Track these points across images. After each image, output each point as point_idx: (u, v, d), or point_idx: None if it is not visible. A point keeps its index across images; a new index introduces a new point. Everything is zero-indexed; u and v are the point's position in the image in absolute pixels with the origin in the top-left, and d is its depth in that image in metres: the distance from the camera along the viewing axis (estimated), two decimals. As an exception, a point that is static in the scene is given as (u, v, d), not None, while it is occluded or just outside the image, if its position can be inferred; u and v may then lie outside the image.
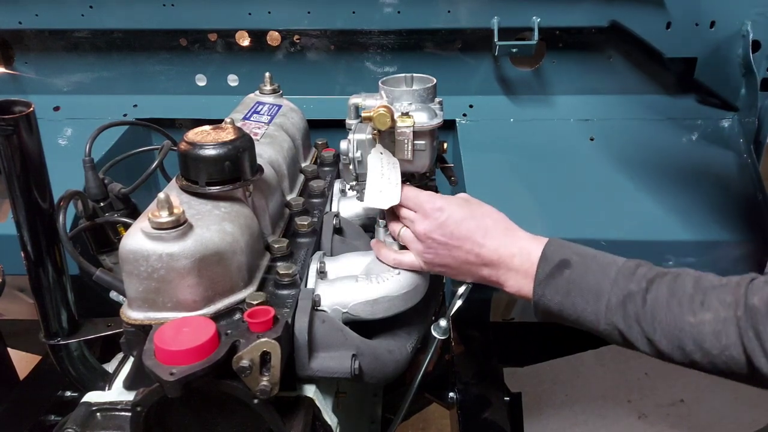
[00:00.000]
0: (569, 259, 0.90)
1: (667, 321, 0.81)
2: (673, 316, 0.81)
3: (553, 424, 2.52)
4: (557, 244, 0.93)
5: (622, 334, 0.86)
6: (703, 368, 0.81)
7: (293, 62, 1.72)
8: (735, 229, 1.46)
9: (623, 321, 0.85)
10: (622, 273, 0.87)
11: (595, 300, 0.87)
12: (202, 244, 0.83)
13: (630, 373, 2.76)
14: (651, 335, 0.83)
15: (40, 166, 0.96)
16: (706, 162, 1.59)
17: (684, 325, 0.80)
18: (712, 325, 0.78)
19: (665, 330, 0.81)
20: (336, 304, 0.98)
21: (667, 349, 0.82)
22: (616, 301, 0.85)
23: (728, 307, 0.78)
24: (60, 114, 1.75)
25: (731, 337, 0.77)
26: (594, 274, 0.88)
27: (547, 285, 0.91)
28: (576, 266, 0.89)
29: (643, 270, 0.86)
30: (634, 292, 0.84)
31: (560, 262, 0.90)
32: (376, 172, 1.01)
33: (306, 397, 0.90)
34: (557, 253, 0.92)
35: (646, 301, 0.83)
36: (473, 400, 1.49)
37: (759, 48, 1.52)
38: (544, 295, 0.91)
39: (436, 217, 0.97)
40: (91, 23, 1.66)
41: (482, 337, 1.68)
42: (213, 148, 0.89)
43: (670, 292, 0.82)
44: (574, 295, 0.89)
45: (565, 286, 0.89)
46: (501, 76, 1.72)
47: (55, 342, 1.07)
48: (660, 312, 0.82)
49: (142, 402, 0.80)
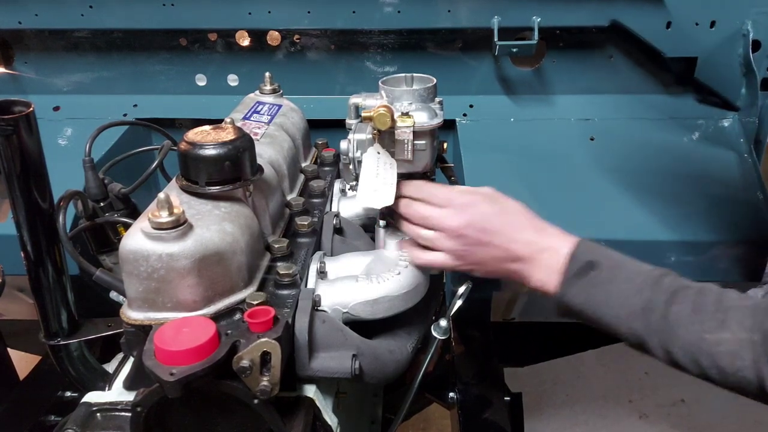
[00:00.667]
0: (597, 261, 0.91)
1: (685, 336, 0.83)
2: (692, 333, 0.83)
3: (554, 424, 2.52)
4: (587, 245, 0.94)
5: (641, 342, 0.88)
6: (716, 383, 0.83)
7: (293, 62, 1.72)
8: (735, 229, 1.46)
9: (643, 329, 0.86)
10: (647, 282, 0.88)
11: (618, 305, 0.88)
12: (202, 244, 0.83)
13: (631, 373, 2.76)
14: (669, 347, 0.85)
15: (40, 166, 0.96)
16: (706, 162, 1.59)
17: (702, 342, 0.82)
18: (728, 345, 0.80)
19: (683, 344, 0.83)
20: (336, 304, 0.98)
21: (683, 362, 0.84)
22: (638, 309, 0.87)
23: (746, 329, 0.80)
24: (60, 114, 1.75)
25: (746, 360, 0.79)
26: (620, 280, 0.89)
27: (572, 284, 0.92)
28: (603, 270, 0.90)
29: (667, 281, 0.88)
30: (657, 304, 0.86)
31: (588, 264, 0.91)
32: (370, 171, 1.01)
33: (306, 398, 0.90)
34: (586, 254, 0.93)
35: (667, 313, 0.85)
36: (473, 400, 1.49)
37: (759, 47, 1.52)
38: (568, 293, 0.92)
39: (469, 213, 0.97)
40: (91, 23, 1.66)
41: (482, 337, 1.68)
42: (213, 148, 0.89)
43: (692, 308, 0.84)
44: (597, 298, 0.90)
45: (590, 288, 0.91)
46: (501, 75, 1.72)
47: (55, 342, 1.07)
48: (680, 327, 0.84)
49: (142, 402, 0.80)
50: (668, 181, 1.55)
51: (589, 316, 0.91)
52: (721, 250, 1.45)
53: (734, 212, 1.49)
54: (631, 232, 1.46)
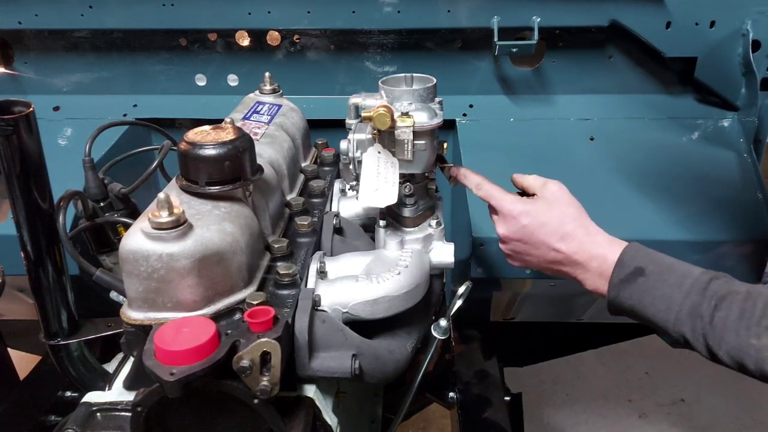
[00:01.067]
0: (645, 267, 0.94)
1: (732, 341, 0.85)
2: (739, 338, 0.85)
3: (554, 424, 2.52)
4: (635, 250, 0.97)
5: (688, 343, 0.91)
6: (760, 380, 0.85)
7: (293, 62, 1.72)
8: (735, 228, 1.46)
9: (691, 333, 0.89)
10: (695, 287, 0.90)
11: (666, 310, 0.91)
12: (202, 244, 0.83)
13: (631, 372, 2.76)
14: (715, 350, 0.87)
15: (40, 166, 0.96)
16: (706, 161, 1.59)
17: (748, 348, 0.83)
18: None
19: (729, 348, 0.85)
20: (336, 304, 0.98)
21: (728, 363, 0.87)
22: (685, 314, 0.90)
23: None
24: (60, 114, 1.75)
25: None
26: (667, 286, 0.92)
27: (621, 289, 0.95)
28: (651, 275, 0.93)
29: (715, 285, 0.90)
30: (704, 309, 0.88)
31: (636, 270, 0.94)
32: (371, 170, 1.01)
33: (306, 397, 0.90)
34: (634, 260, 0.96)
35: (714, 318, 0.87)
36: (473, 400, 1.49)
37: (759, 47, 1.52)
38: (618, 297, 0.96)
39: (512, 223, 1.04)
40: (91, 23, 1.66)
41: (482, 337, 1.68)
42: (213, 148, 0.89)
43: (739, 314, 0.86)
44: (646, 302, 0.93)
45: (638, 294, 0.94)
46: (501, 75, 1.72)
47: (55, 342, 1.07)
48: (727, 332, 0.86)
49: (142, 402, 0.80)
50: (668, 181, 1.55)
51: (639, 317, 0.96)
52: (721, 250, 1.46)
53: (734, 212, 1.49)
54: (631, 231, 1.45)
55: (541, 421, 2.53)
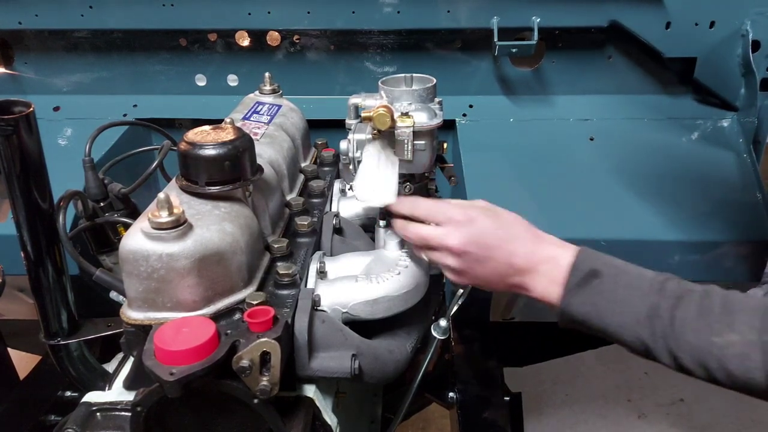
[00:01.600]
0: (599, 270, 0.90)
1: (693, 341, 0.83)
2: (699, 337, 0.82)
3: (554, 424, 2.52)
4: (588, 254, 0.93)
5: (647, 348, 0.87)
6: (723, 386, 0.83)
7: (293, 62, 1.72)
8: (735, 229, 1.46)
9: (650, 336, 0.86)
10: (652, 288, 0.87)
11: (622, 313, 0.88)
12: (202, 244, 0.83)
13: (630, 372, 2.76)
14: (676, 352, 0.84)
15: (40, 166, 0.96)
16: (705, 162, 1.59)
17: (710, 346, 0.81)
18: (737, 348, 0.80)
19: (690, 349, 0.83)
20: (336, 304, 0.98)
21: (690, 366, 0.84)
22: (643, 316, 0.86)
23: (754, 331, 0.79)
24: (60, 114, 1.75)
25: (755, 362, 0.78)
26: (623, 288, 0.89)
27: (575, 294, 0.91)
28: (605, 278, 0.90)
29: (671, 285, 0.87)
30: (662, 309, 0.85)
31: (590, 272, 0.90)
32: (370, 168, 1.00)
33: (306, 397, 0.91)
34: (588, 263, 0.92)
35: (673, 318, 0.84)
36: (473, 400, 1.49)
37: (758, 48, 1.52)
38: (571, 303, 0.91)
39: (469, 229, 0.94)
40: (91, 23, 1.66)
41: (482, 337, 1.68)
42: (213, 148, 0.89)
43: (698, 312, 0.83)
44: (601, 306, 0.89)
45: (593, 298, 0.90)
46: (501, 76, 1.73)
47: (55, 342, 1.08)
48: (687, 331, 0.83)
49: (142, 402, 0.80)
50: (667, 181, 1.55)
51: (593, 326, 0.91)
52: (720, 250, 1.46)
53: (733, 212, 1.49)
54: (631, 232, 1.46)
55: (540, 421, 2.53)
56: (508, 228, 0.96)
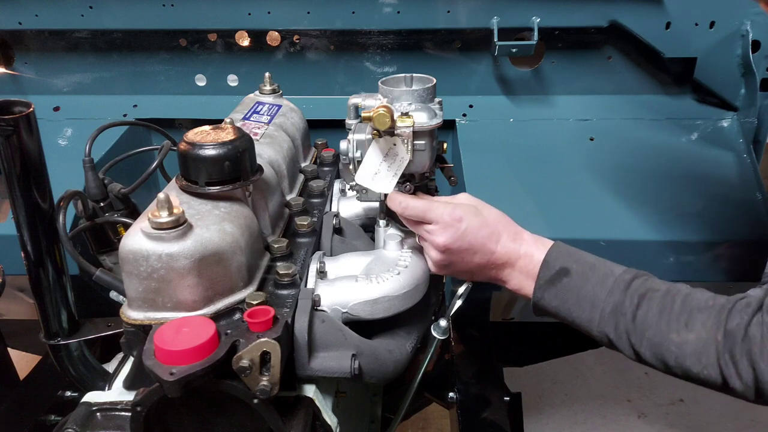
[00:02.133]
0: (569, 267, 0.96)
1: (653, 338, 0.88)
2: (659, 334, 0.88)
3: (553, 424, 2.52)
4: (559, 251, 0.99)
5: (612, 342, 0.93)
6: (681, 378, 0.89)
7: (293, 62, 1.72)
8: (734, 228, 1.47)
9: (614, 331, 0.92)
10: (618, 285, 0.93)
11: (590, 309, 0.94)
12: (201, 244, 0.83)
13: (629, 372, 2.76)
14: (637, 347, 0.90)
15: (40, 166, 0.96)
16: (705, 162, 1.59)
17: (668, 343, 0.87)
18: (693, 345, 0.85)
19: (651, 345, 0.89)
20: (336, 304, 0.98)
21: (651, 361, 0.90)
22: (608, 312, 0.92)
23: (710, 329, 0.84)
24: (60, 114, 1.76)
25: (710, 359, 0.83)
26: (591, 285, 0.94)
27: (546, 290, 0.97)
28: (575, 275, 0.96)
29: (637, 283, 0.92)
30: (626, 307, 0.91)
31: (560, 270, 0.96)
32: (375, 156, 1.01)
33: (306, 397, 0.91)
34: (558, 261, 0.97)
35: (635, 316, 0.90)
36: (473, 400, 1.49)
37: (758, 48, 1.52)
38: (543, 298, 0.98)
39: (455, 228, 0.99)
40: (91, 23, 1.67)
41: (482, 337, 1.68)
42: (213, 148, 0.89)
43: (659, 310, 0.89)
44: (570, 302, 0.95)
45: (563, 293, 0.96)
46: (500, 76, 1.73)
47: (55, 342, 1.08)
48: (647, 328, 0.89)
49: (142, 402, 0.80)
50: (667, 181, 1.55)
51: (564, 318, 0.98)
52: (720, 250, 1.46)
53: (733, 212, 1.49)
54: (630, 232, 1.46)
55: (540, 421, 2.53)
56: (492, 227, 1.01)
